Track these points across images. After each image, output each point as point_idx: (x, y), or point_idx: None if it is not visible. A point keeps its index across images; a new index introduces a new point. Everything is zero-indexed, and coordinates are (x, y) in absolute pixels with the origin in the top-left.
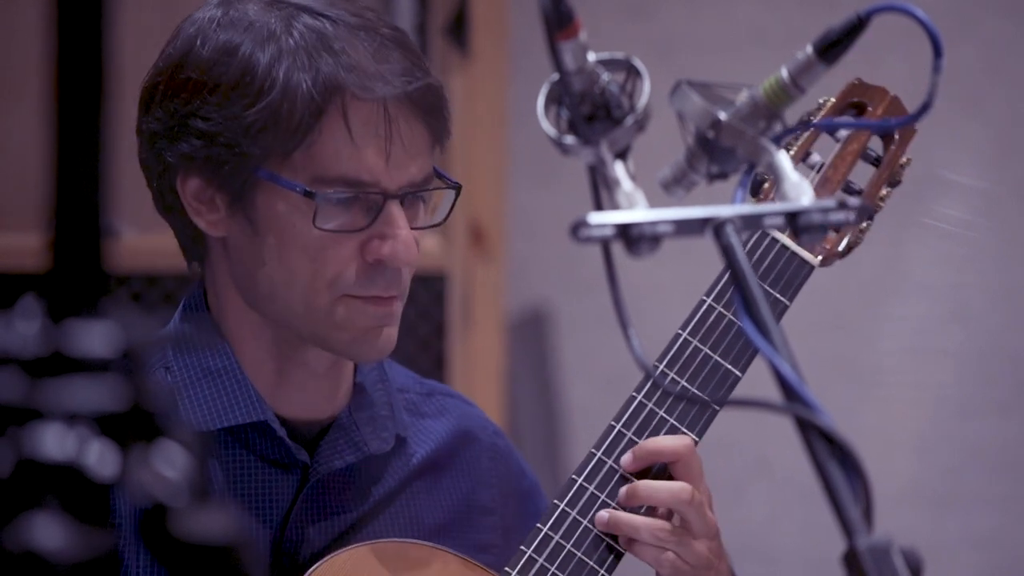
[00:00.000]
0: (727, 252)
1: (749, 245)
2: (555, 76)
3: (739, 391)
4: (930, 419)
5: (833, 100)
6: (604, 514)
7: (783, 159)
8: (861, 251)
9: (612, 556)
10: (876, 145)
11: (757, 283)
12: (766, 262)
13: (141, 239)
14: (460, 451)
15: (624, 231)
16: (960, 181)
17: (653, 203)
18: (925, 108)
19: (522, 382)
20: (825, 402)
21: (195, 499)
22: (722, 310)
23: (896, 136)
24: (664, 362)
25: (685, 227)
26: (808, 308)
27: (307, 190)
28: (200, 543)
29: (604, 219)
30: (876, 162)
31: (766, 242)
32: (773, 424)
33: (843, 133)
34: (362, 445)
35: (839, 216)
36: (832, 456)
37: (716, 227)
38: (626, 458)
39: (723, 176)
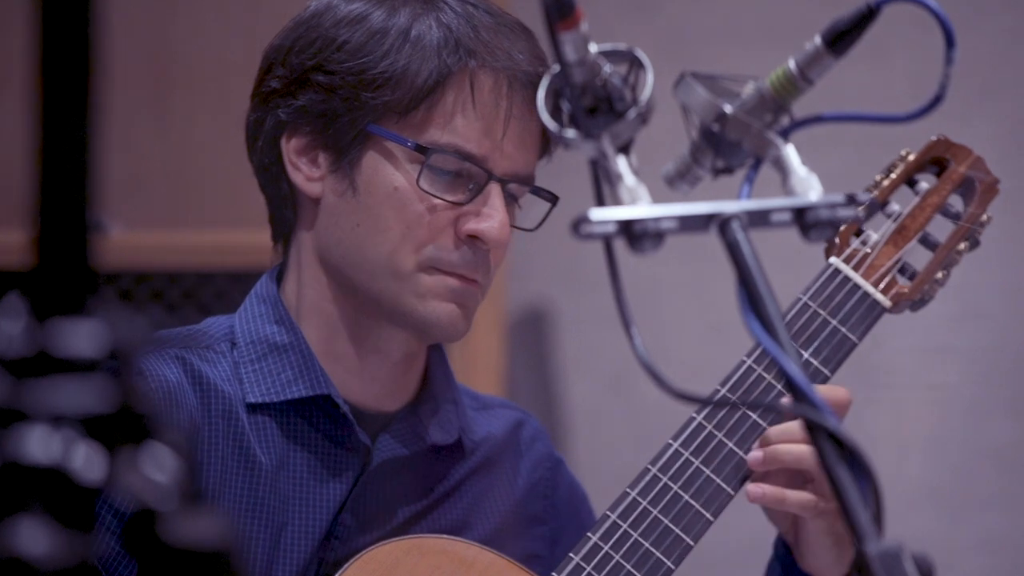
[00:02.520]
0: (732, 249)
1: (821, 280)
2: (556, 68)
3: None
4: (941, 419)
5: (914, 155)
6: (758, 454)
7: (790, 153)
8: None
9: (662, 571)
10: (957, 201)
11: (763, 280)
12: (836, 299)
13: (129, 235)
14: (514, 458)
15: (627, 227)
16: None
17: (656, 198)
18: (937, 100)
19: (522, 381)
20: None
21: (184, 503)
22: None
23: (976, 194)
24: (727, 386)
25: (689, 223)
26: None
27: (419, 144)
28: (189, 549)
29: (606, 215)
30: (956, 218)
31: (838, 279)
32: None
33: (923, 186)
34: (424, 436)
35: (847, 212)
36: (841, 459)
37: (721, 223)
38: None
39: (729, 171)
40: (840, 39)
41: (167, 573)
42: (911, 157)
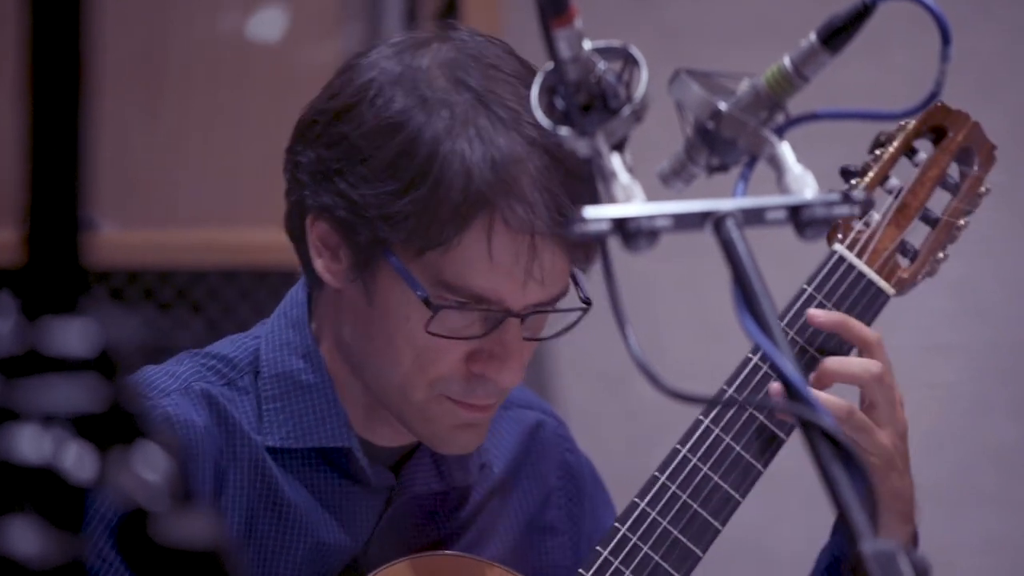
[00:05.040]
0: (727, 247)
1: (826, 269)
2: (550, 65)
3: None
4: (940, 418)
5: (913, 123)
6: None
7: (785, 151)
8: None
9: None
10: (954, 171)
11: (759, 278)
12: (841, 288)
13: (121, 233)
14: (528, 468)
15: (621, 225)
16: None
17: (651, 196)
18: (932, 97)
19: None
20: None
21: (176, 504)
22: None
23: (975, 163)
24: (733, 386)
25: (684, 221)
26: None
27: (428, 299)
28: (181, 550)
29: (600, 213)
30: (955, 189)
31: (843, 268)
32: None
33: (922, 157)
34: (447, 475)
35: (843, 210)
36: (836, 458)
37: (716, 221)
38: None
39: (724, 168)
40: (835, 36)
41: (159, 574)
42: (909, 127)
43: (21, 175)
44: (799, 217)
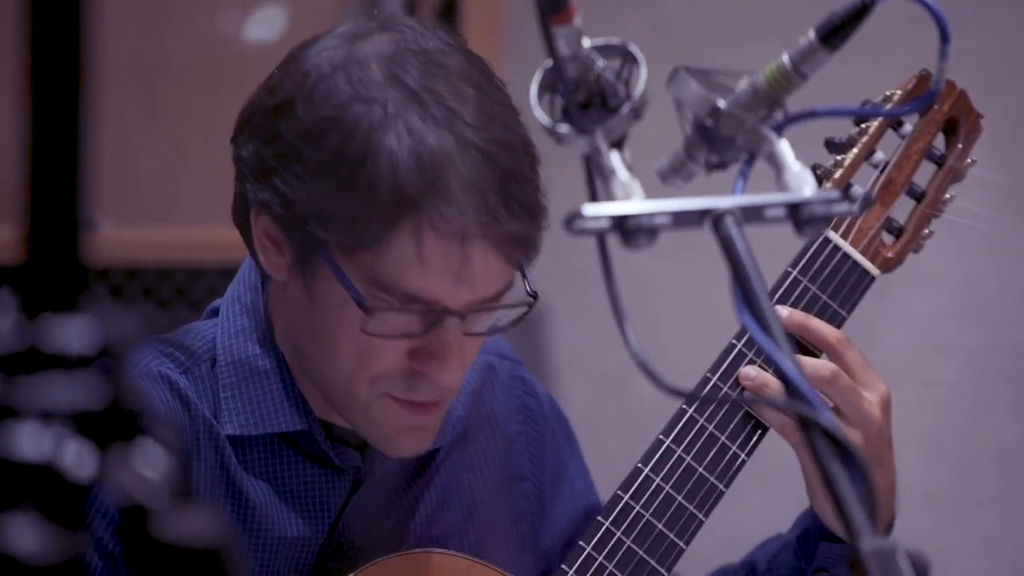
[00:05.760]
0: (726, 244)
1: (811, 251)
2: (549, 63)
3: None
4: (939, 417)
5: (898, 94)
6: (751, 370)
7: (784, 148)
8: None
9: None
10: (942, 144)
11: (758, 275)
12: (826, 271)
13: (120, 231)
14: (485, 415)
15: (620, 223)
16: (975, 172)
17: (650, 194)
18: (931, 96)
19: None
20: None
21: (176, 501)
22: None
23: (961, 134)
24: (716, 374)
25: (683, 219)
26: None
27: (362, 300)
28: (181, 546)
29: (599, 210)
30: (940, 161)
31: (828, 249)
32: None
33: (907, 129)
34: (394, 456)
35: (842, 207)
36: (836, 456)
37: (715, 219)
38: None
39: (722, 166)
40: (834, 34)
41: (159, 571)
42: (895, 97)
43: (21, 173)
44: (798, 214)
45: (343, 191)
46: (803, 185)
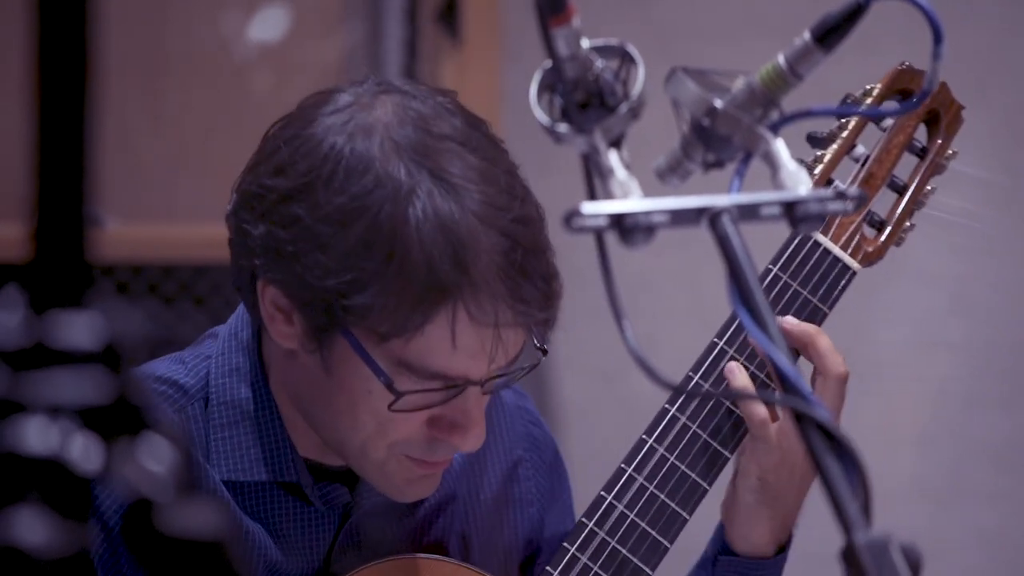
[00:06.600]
0: (723, 242)
1: (791, 248)
2: (548, 63)
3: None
4: (932, 413)
5: (878, 88)
6: (732, 364)
7: (780, 147)
8: None
9: None
10: (923, 136)
11: (754, 272)
12: (807, 267)
13: (126, 229)
14: (492, 443)
15: (618, 221)
16: (964, 170)
17: (648, 192)
18: (924, 95)
19: None
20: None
21: (181, 494)
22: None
23: (942, 126)
24: (699, 373)
25: (680, 217)
26: None
27: (391, 384)
28: (186, 540)
29: (598, 209)
30: (922, 154)
31: (808, 245)
32: None
33: (888, 123)
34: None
35: (837, 205)
36: (830, 450)
37: (712, 217)
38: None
39: (719, 164)
40: (829, 35)
41: (164, 564)
42: (875, 91)
43: (28, 171)
44: (793, 213)
45: (375, 282)
46: (799, 183)
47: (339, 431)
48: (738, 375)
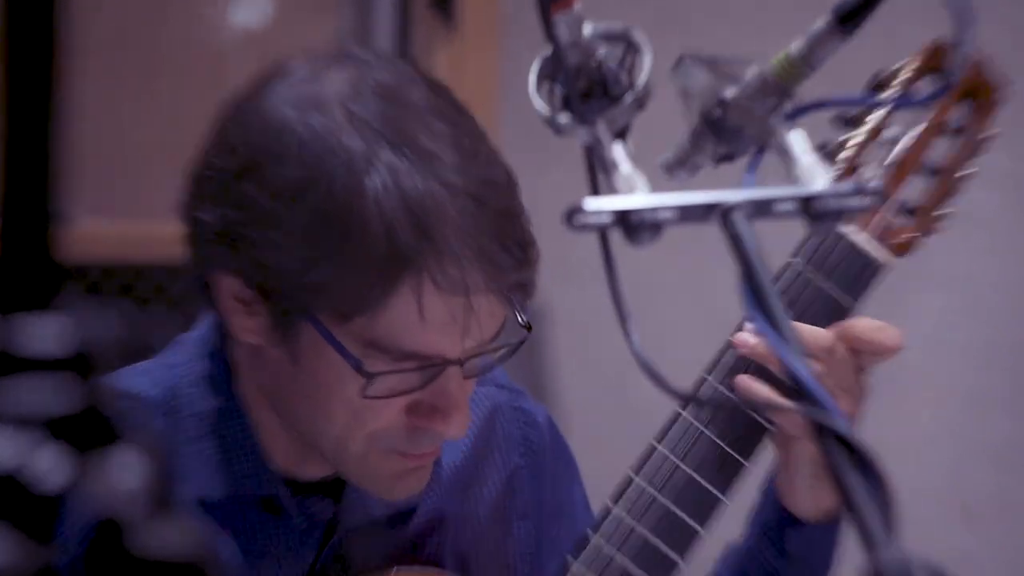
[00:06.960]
0: (735, 240)
1: (815, 240)
2: (548, 50)
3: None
4: (937, 415)
5: (910, 69)
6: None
7: (795, 139)
8: None
9: None
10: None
11: (767, 273)
12: (831, 260)
13: (97, 226)
14: (488, 454)
15: (623, 218)
16: (980, 169)
17: (655, 187)
18: (948, 87)
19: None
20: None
21: (154, 511)
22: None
23: (980, 107)
24: (712, 373)
25: (689, 213)
26: None
27: (361, 367)
28: (159, 560)
29: (601, 205)
30: (958, 136)
31: (833, 237)
32: None
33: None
34: (389, 500)
35: (856, 201)
36: (850, 462)
37: (723, 213)
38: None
39: (730, 158)
40: (849, 18)
41: None
42: (907, 73)
43: None
44: (810, 209)
45: (333, 257)
46: (815, 178)
47: (316, 425)
48: (751, 343)
